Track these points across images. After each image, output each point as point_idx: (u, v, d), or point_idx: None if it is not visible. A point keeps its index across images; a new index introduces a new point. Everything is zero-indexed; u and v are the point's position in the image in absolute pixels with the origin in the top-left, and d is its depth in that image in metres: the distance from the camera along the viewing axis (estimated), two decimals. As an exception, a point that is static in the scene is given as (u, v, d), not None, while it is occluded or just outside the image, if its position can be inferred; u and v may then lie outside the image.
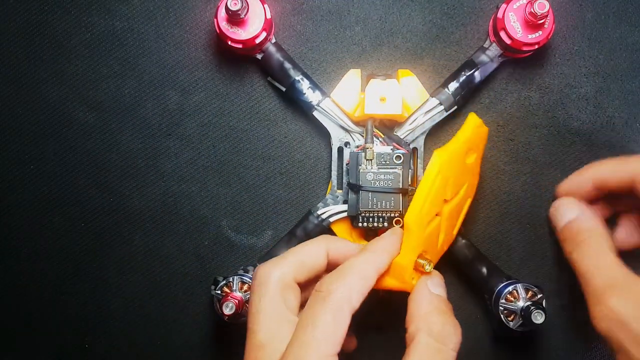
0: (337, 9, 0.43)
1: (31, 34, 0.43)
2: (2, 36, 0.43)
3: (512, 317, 0.39)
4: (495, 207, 0.43)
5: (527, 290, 0.39)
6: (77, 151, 0.43)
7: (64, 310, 0.43)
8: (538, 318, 0.37)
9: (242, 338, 0.39)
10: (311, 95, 0.41)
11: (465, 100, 0.41)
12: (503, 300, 0.39)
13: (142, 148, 0.43)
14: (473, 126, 0.39)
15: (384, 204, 0.39)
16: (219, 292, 0.39)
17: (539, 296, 0.39)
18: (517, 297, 0.39)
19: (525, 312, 0.38)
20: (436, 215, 0.37)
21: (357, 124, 0.41)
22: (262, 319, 0.32)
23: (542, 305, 0.38)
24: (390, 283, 0.35)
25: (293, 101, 0.42)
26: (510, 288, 0.39)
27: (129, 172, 0.43)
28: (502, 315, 0.39)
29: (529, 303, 0.38)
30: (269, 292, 0.33)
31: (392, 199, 0.39)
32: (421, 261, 0.35)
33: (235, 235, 0.43)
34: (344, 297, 0.31)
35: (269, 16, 0.39)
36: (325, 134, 0.42)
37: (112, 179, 0.43)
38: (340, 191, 0.41)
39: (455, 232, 0.40)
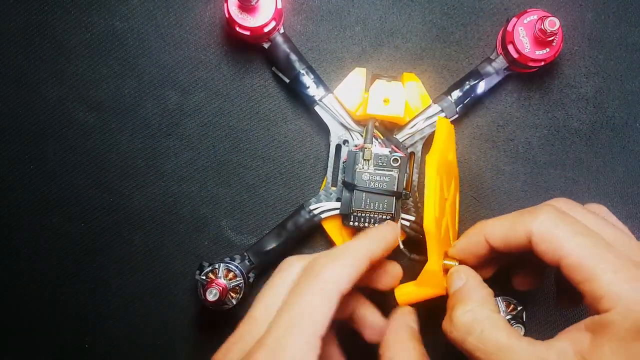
0: (337, 9, 0.43)
1: (31, 34, 0.43)
2: (2, 36, 0.43)
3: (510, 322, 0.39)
4: (495, 207, 0.43)
5: (507, 304, 0.39)
6: (77, 151, 0.43)
7: (64, 310, 0.43)
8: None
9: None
10: (314, 89, 0.41)
11: (467, 109, 0.41)
12: (505, 303, 0.39)
13: (142, 148, 0.43)
14: (446, 127, 0.39)
15: (377, 205, 0.39)
16: (203, 277, 0.39)
17: (519, 309, 0.39)
18: (498, 310, 0.39)
19: (517, 317, 0.38)
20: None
21: (357, 123, 0.41)
22: (264, 303, 0.32)
23: (522, 319, 0.38)
24: (426, 292, 0.35)
25: (296, 94, 0.42)
26: None
27: (129, 172, 0.43)
28: None
29: (509, 317, 0.38)
30: (282, 281, 0.33)
31: (386, 201, 0.39)
32: (448, 262, 0.36)
33: (235, 235, 0.43)
34: (334, 279, 0.30)
35: (279, 6, 0.39)
36: (325, 132, 0.42)
37: (112, 179, 0.43)
38: (334, 188, 0.41)
39: (457, 227, 0.40)
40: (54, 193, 0.43)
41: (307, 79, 0.41)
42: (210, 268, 0.40)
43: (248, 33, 0.40)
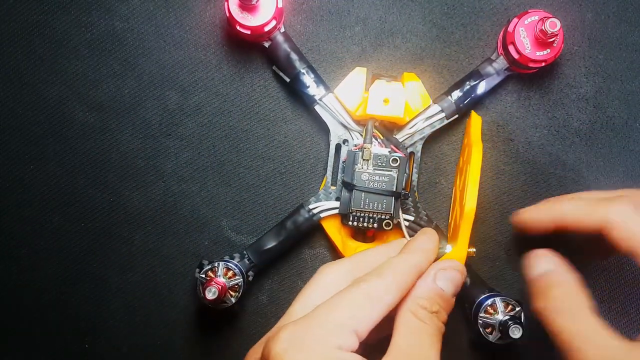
0: (337, 9, 0.43)
1: (31, 34, 0.43)
2: (2, 36, 0.43)
3: (490, 330, 0.39)
4: (495, 207, 0.43)
5: (506, 304, 0.39)
6: (77, 151, 0.43)
7: (64, 310, 0.43)
8: (515, 333, 0.37)
9: (244, 339, 0.39)
10: (314, 89, 0.41)
11: (467, 109, 0.41)
12: (482, 313, 0.39)
13: (142, 148, 0.43)
14: (480, 123, 0.40)
15: (376, 205, 0.39)
16: (203, 275, 0.39)
17: (517, 309, 0.39)
18: (496, 310, 0.39)
19: (503, 326, 0.38)
20: None
21: (357, 122, 0.41)
22: (301, 303, 0.34)
23: (521, 320, 0.38)
24: None
25: (296, 93, 0.42)
26: (489, 301, 0.39)
27: (129, 172, 0.43)
28: (480, 328, 0.39)
29: (507, 317, 0.38)
30: (320, 281, 0.34)
31: (385, 201, 0.39)
32: (470, 250, 0.37)
33: (235, 235, 0.43)
34: (380, 287, 0.31)
35: (280, 5, 0.39)
36: (325, 132, 0.42)
37: (112, 179, 0.43)
38: (333, 187, 0.41)
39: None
40: (54, 193, 0.43)
41: (308, 79, 0.41)
42: (210, 266, 0.40)
43: (248, 32, 0.40)
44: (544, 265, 0.35)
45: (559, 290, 0.33)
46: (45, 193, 0.43)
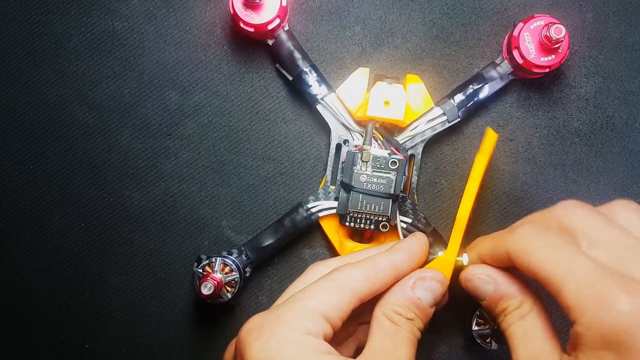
0: (337, 9, 0.43)
1: (31, 34, 0.43)
2: (2, 36, 0.43)
3: (485, 334, 0.39)
4: (495, 207, 0.43)
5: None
6: (77, 151, 0.43)
7: (64, 310, 0.43)
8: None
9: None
10: (317, 88, 0.41)
11: (469, 113, 0.41)
12: (476, 321, 0.39)
13: (142, 148, 0.43)
14: (494, 139, 0.39)
15: (373, 207, 0.39)
16: (200, 270, 0.40)
17: None
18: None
19: (496, 334, 0.39)
20: None
21: (358, 123, 0.41)
22: (283, 298, 0.34)
23: None
24: None
25: (298, 92, 0.42)
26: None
27: (129, 172, 0.43)
28: (475, 335, 0.39)
29: (496, 328, 0.38)
30: (305, 280, 0.35)
31: (382, 203, 0.39)
32: (459, 258, 0.36)
33: (235, 235, 0.43)
34: (350, 276, 0.32)
35: (284, 3, 0.39)
36: (325, 132, 0.42)
37: (112, 179, 0.43)
38: (333, 187, 0.42)
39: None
40: (53, 193, 0.43)
41: (310, 78, 0.41)
42: (207, 261, 0.40)
43: (252, 30, 0.40)
44: (487, 287, 0.33)
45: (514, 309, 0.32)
46: (45, 193, 0.43)
